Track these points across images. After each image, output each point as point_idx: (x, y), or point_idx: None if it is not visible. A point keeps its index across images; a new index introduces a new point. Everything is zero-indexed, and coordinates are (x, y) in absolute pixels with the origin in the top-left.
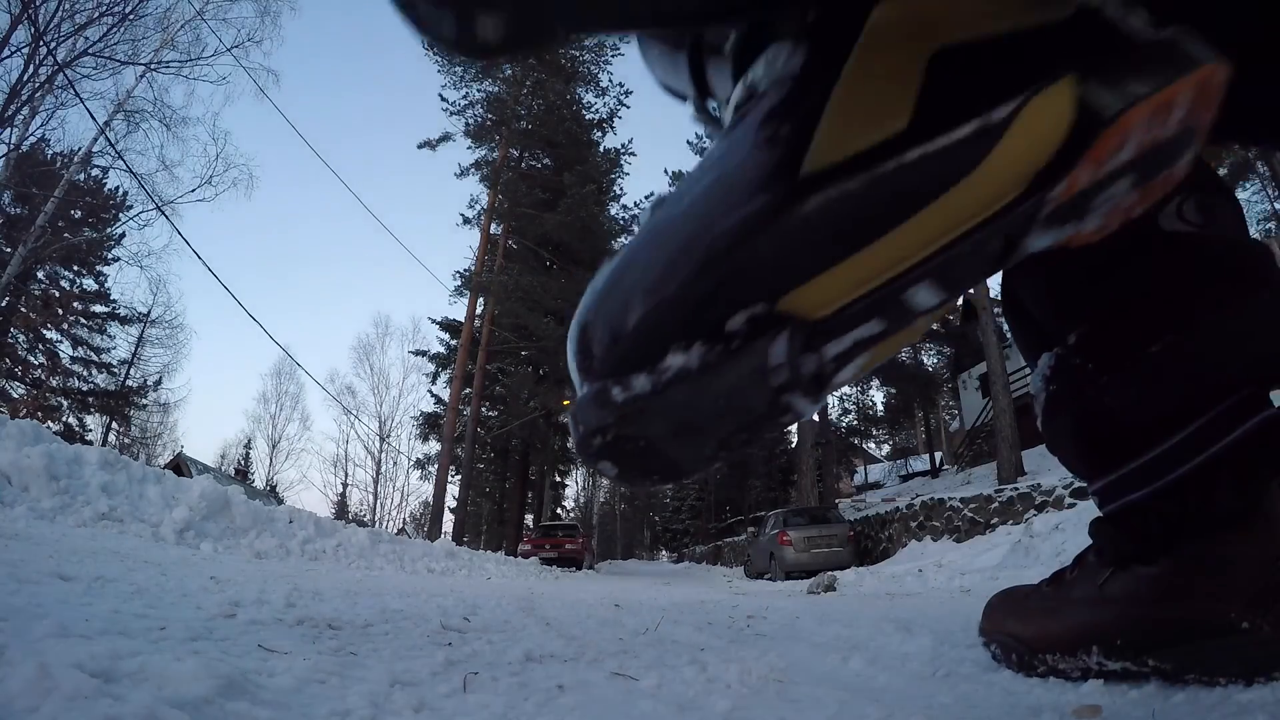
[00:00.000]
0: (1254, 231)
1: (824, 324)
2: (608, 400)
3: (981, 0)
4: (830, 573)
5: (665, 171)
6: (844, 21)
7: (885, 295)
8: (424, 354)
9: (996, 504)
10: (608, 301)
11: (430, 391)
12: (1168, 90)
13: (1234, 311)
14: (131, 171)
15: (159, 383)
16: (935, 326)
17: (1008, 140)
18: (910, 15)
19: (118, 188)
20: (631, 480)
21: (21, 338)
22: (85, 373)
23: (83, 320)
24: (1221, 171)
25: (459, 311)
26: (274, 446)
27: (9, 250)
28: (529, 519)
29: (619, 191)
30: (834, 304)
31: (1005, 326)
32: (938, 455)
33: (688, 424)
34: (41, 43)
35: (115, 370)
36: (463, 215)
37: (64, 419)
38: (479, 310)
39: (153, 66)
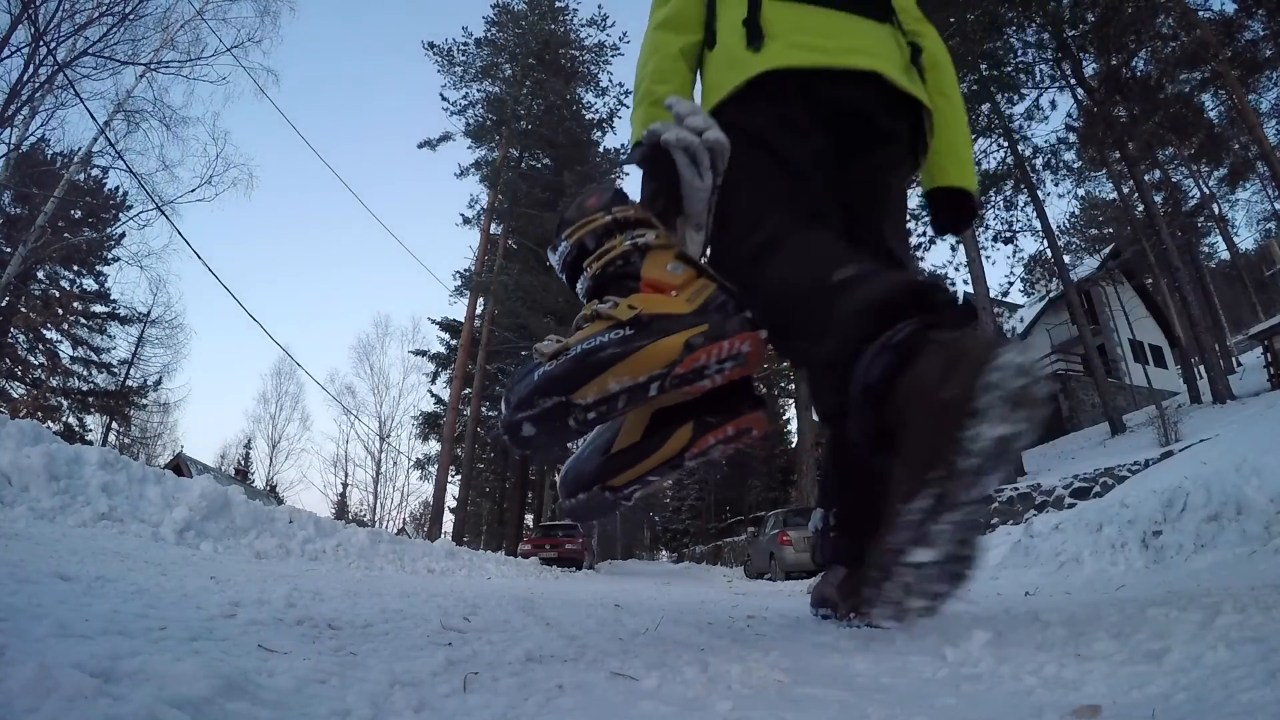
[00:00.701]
0: (1254, 231)
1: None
2: (509, 417)
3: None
4: None
5: None
6: None
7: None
8: (424, 354)
9: (996, 504)
10: (513, 384)
11: (430, 391)
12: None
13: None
14: (131, 171)
15: (159, 383)
16: None
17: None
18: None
19: (118, 188)
20: (522, 447)
21: (21, 338)
22: (85, 373)
23: (83, 320)
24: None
25: (459, 311)
26: (274, 446)
27: (9, 250)
28: (529, 519)
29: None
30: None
31: (1005, 326)
32: None
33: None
34: (41, 43)
35: (115, 370)
36: (463, 215)
37: (64, 419)
38: (479, 310)
39: (153, 66)
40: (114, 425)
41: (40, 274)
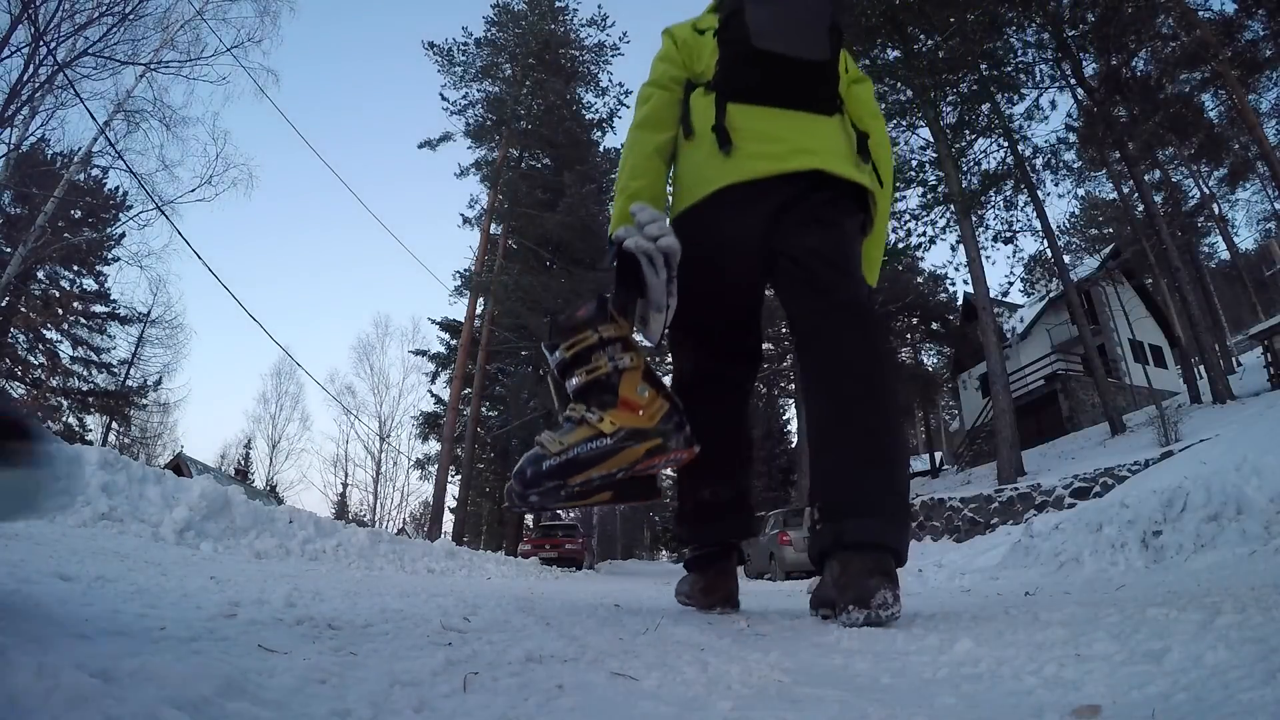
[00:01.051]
0: (1254, 231)
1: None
2: (521, 490)
3: None
4: None
5: None
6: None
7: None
8: (424, 354)
9: (996, 504)
10: (524, 468)
11: (430, 391)
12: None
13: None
14: (131, 171)
15: (159, 383)
16: (936, 326)
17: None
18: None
19: (118, 188)
20: (528, 509)
21: (21, 338)
22: (85, 373)
23: (83, 320)
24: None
25: (459, 311)
26: (274, 446)
27: (9, 250)
28: (529, 519)
29: None
30: None
31: (1005, 326)
32: (938, 455)
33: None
34: (41, 43)
35: (115, 370)
36: (463, 215)
37: (64, 419)
38: (479, 310)
39: (153, 66)
40: (114, 425)
41: (40, 274)
